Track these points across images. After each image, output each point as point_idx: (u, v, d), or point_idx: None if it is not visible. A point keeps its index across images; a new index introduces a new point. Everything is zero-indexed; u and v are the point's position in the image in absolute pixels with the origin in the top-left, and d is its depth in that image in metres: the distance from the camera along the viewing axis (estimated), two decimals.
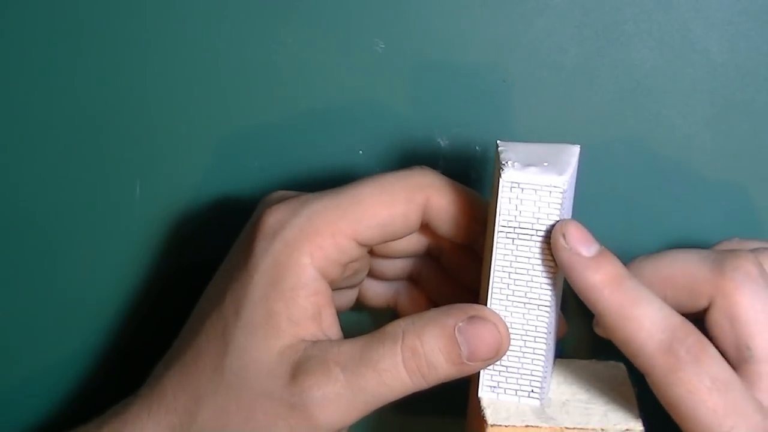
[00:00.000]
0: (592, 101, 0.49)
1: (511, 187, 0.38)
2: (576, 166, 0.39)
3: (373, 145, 0.50)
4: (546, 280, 0.39)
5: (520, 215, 0.38)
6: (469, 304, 0.39)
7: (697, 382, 0.37)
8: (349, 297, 0.46)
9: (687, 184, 0.50)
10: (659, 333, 0.37)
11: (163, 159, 0.52)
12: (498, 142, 0.40)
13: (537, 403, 0.40)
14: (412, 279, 0.46)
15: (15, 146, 0.52)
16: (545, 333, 0.39)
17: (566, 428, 0.39)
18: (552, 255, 0.38)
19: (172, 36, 0.50)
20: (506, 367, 0.40)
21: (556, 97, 0.49)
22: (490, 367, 0.40)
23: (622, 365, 0.43)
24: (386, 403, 0.39)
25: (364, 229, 0.40)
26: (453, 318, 0.38)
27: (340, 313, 0.43)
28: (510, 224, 0.38)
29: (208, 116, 0.51)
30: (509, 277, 0.39)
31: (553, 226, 0.38)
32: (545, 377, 0.40)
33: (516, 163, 0.38)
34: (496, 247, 0.39)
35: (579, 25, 0.48)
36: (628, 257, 0.50)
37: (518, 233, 0.38)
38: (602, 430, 0.39)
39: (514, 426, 0.39)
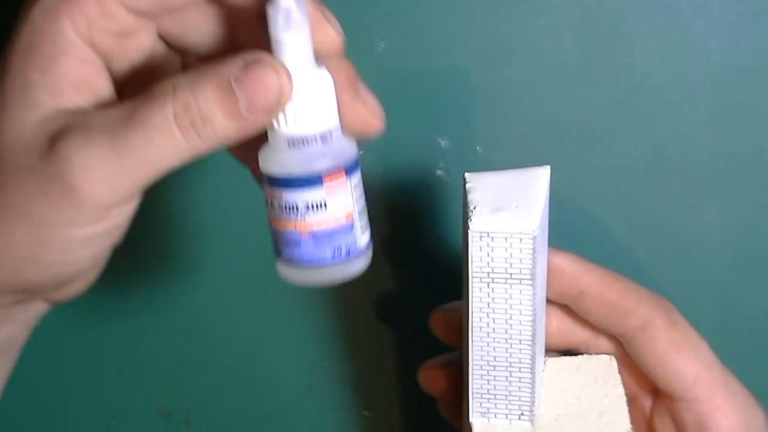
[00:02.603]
0: (592, 101, 0.49)
1: (481, 236, 0.37)
2: (547, 197, 0.38)
3: (373, 145, 0.50)
4: (525, 317, 0.38)
5: (492, 261, 0.37)
6: (248, 51, 0.34)
7: None
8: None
9: (687, 184, 0.50)
10: None
11: None
12: (466, 176, 0.38)
13: (528, 425, 0.40)
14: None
15: None
16: (529, 364, 0.39)
17: None
18: (529, 295, 0.38)
19: None
20: (494, 395, 0.40)
21: (556, 97, 0.49)
22: (480, 393, 0.40)
23: (612, 358, 0.42)
24: (161, 172, 0.35)
25: None
26: (228, 67, 0.34)
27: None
28: (483, 270, 0.37)
29: None
30: (488, 317, 0.38)
31: (528, 268, 0.37)
32: (533, 401, 0.40)
33: (484, 209, 0.37)
34: (472, 293, 0.38)
35: (579, 26, 0.48)
36: (628, 257, 0.50)
37: (492, 278, 0.37)
38: None
39: None
